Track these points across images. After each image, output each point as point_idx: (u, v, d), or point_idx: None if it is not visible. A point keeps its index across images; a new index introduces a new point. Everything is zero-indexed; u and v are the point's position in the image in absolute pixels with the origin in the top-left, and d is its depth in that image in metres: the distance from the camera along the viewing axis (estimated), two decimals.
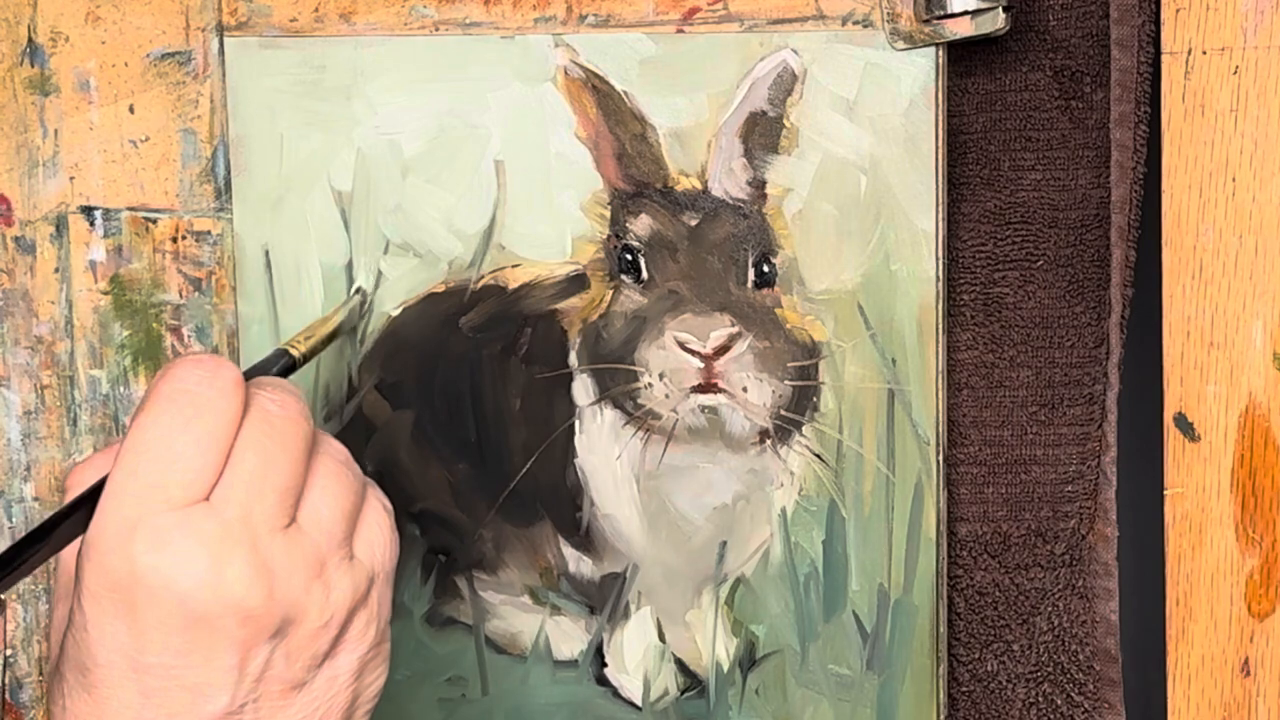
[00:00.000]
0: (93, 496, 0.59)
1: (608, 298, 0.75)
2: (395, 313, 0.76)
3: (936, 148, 0.74)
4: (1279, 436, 0.75)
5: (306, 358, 0.69)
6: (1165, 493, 0.76)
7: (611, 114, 0.75)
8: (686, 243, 0.75)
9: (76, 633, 0.59)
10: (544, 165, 0.75)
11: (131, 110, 0.76)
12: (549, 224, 0.75)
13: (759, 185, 0.75)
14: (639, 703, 0.78)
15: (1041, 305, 0.75)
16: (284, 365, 0.68)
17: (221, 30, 0.75)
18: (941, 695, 0.76)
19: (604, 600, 0.77)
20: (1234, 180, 0.74)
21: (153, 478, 0.58)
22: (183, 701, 0.59)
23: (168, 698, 0.58)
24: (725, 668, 0.77)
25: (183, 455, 0.59)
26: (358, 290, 0.76)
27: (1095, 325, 0.75)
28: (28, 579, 0.79)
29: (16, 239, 0.77)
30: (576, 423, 0.76)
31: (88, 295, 0.77)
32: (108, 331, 0.77)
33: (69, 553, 0.61)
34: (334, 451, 0.62)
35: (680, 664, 0.77)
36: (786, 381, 0.75)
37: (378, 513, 0.63)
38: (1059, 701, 0.77)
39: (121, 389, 0.77)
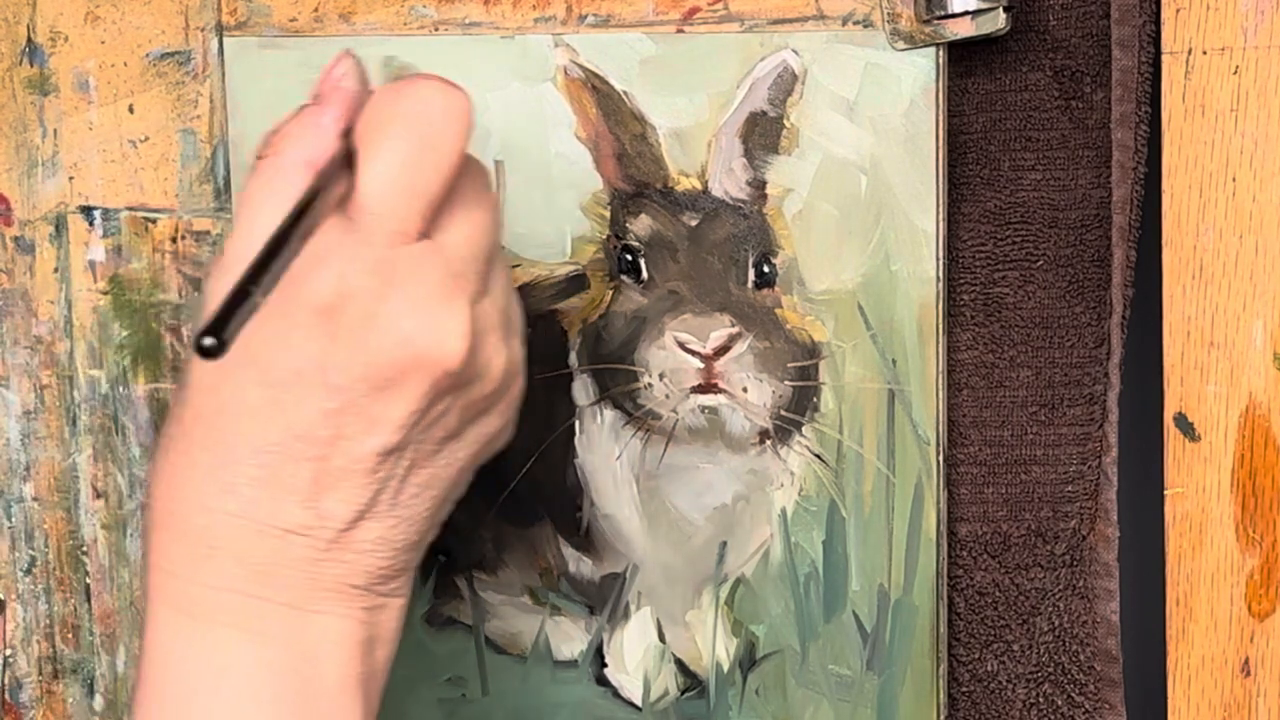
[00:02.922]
0: (348, 157, 0.59)
1: (608, 298, 0.75)
2: None
3: (936, 148, 0.74)
4: (1279, 436, 0.75)
5: None
6: (1165, 493, 0.76)
7: (611, 114, 0.75)
8: (686, 243, 0.75)
9: (271, 338, 0.58)
10: (544, 165, 0.75)
11: (131, 110, 0.76)
12: (549, 224, 0.75)
13: (759, 185, 0.74)
14: (639, 703, 0.78)
15: (1041, 305, 0.75)
16: None
17: (221, 30, 0.75)
18: (941, 695, 0.76)
19: (604, 600, 0.77)
20: (1234, 180, 0.74)
21: (389, 207, 0.59)
22: (357, 428, 0.59)
23: (345, 420, 0.59)
24: (725, 668, 0.77)
25: (424, 192, 0.59)
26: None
27: (1096, 325, 0.75)
28: (27, 579, 0.79)
29: (16, 239, 0.77)
30: (576, 423, 0.76)
31: (87, 295, 0.77)
32: (107, 331, 0.77)
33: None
34: None
35: (680, 664, 0.77)
36: (786, 382, 0.75)
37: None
38: (1059, 702, 0.77)
39: (121, 389, 0.77)
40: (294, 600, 0.60)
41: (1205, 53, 0.73)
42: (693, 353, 0.75)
